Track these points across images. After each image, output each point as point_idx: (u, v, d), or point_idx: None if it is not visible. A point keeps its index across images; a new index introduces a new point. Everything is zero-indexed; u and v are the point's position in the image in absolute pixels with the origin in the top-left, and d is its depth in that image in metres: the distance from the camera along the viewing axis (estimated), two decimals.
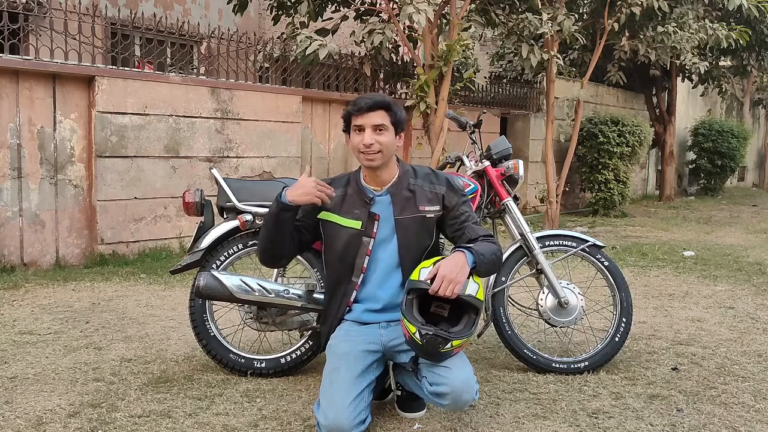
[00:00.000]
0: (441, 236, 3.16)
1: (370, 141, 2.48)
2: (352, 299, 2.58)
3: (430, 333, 2.30)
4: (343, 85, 7.94)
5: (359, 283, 2.57)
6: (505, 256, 3.24)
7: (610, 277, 3.24)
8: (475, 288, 2.37)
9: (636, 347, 3.58)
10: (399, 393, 2.67)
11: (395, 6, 6.90)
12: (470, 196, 3.17)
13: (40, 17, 5.79)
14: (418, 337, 2.31)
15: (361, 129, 2.51)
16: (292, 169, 7.13)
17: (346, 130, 2.59)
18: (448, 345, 2.31)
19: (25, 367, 3.14)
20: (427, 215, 2.58)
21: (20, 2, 5.80)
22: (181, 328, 3.85)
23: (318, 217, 2.58)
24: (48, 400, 2.75)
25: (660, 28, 8.95)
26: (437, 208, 2.59)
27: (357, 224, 2.54)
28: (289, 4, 7.59)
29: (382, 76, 8.35)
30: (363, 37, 6.66)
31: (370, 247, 2.55)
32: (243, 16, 8.72)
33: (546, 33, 7.65)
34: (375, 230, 2.54)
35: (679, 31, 8.96)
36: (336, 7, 7.82)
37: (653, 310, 4.45)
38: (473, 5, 7.60)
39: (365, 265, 2.55)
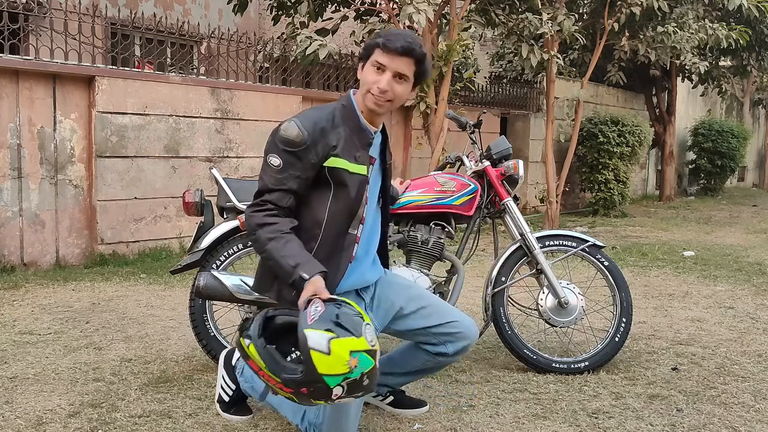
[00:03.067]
0: (442, 236, 3.17)
1: (386, 87, 2.16)
2: (353, 254, 2.25)
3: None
4: (343, 85, 7.94)
5: (359, 235, 2.26)
6: (505, 256, 3.25)
7: (610, 277, 3.24)
8: (320, 342, 1.85)
9: (636, 347, 3.58)
10: (390, 399, 2.67)
11: (395, 6, 6.90)
12: (470, 196, 3.17)
13: (40, 17, 5.79)
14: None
15: (381, 68, 2.16)
16: None
17: (363, 59, 2.21)
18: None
19: (25, 367, 3.14)
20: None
21: (20, 2, 5.80)
22: (181, 328, 3.85)
23: (325, 165, 2.16)
24: (48, 400, 2.75)
25: (660, 28, 8.95)
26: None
27: (363, 170, 2.21)
28: (289, 4, 7.59)
29: None
30: (363, 37, 6.66)
31: (368, 194, 2.26)
32: (243, 16, 8.72)
33: (546, 33, 7.65)
34: (370, 174, 2.26)
35: (679, 31, 8.95)
36: (336, 7, 7.81)
37: (653, 310, 4.45)
38: (473, 5, 7.59)
39: (365, 215, 2.25)
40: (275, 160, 2.14)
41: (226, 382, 2.59)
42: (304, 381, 1.87)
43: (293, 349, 1.94)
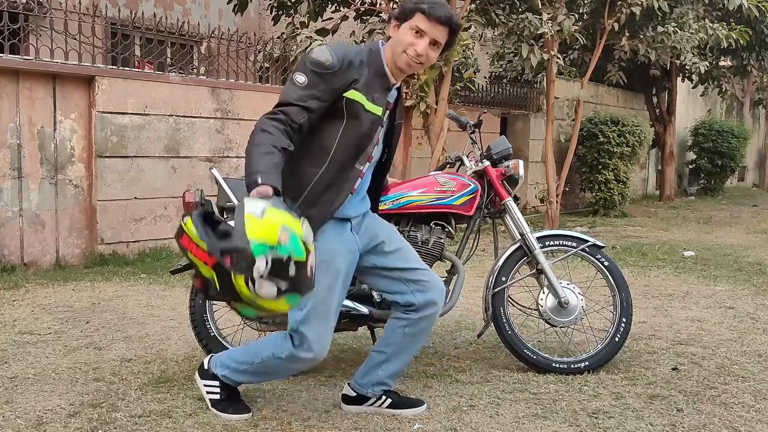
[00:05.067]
0: (442, 236, 3.17)
1: (423, 52, 2.33)
2: (356, 187, 2.43)
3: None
4: None
5: (364, 171, 2.44)
6: (505, 256, 3.24)
7: (610, 277, 3.24)
8: (255, 208, 1.94)
9: (636, 347, 3.58)
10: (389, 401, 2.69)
11: (395, 6, 6.90)
12: (470, 196, 3.17)
13: (40, 17, 5.79)
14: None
15: (420, 34, 2.33)
16: None
17: (400, 19, 2.36)
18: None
19: (25, 367, 3.14)
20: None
21: (20, 2, 5.80)
22: (181, 328, 3.85)
23: (345, 95, 2.31)
24: (48, 400, 2.75)
25: (660, 28, 8.95)
26: None
27: (379, 110, 2.38)
28: (289, 4, 7.60)
29: None
30: (363, 37, 6.66)
31: (379, 136, 2.45)
32: (243, 16, 8.72)
33: (546, 33, 7.65)
34: (385, 119, 2.44)
35: (679, 31, 8.95)
36: (336, 7, 7.82)
37: (653, 310, 4.45)
38: (473, 5, 7.59)
39: (372, 154, 2.44)
40: (301, 78, 2.27)
41: (207, 384, 2.64)
42: (231, 247, 1.91)
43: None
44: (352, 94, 2.31)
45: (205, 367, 2.67)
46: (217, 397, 2.62)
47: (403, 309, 2.59)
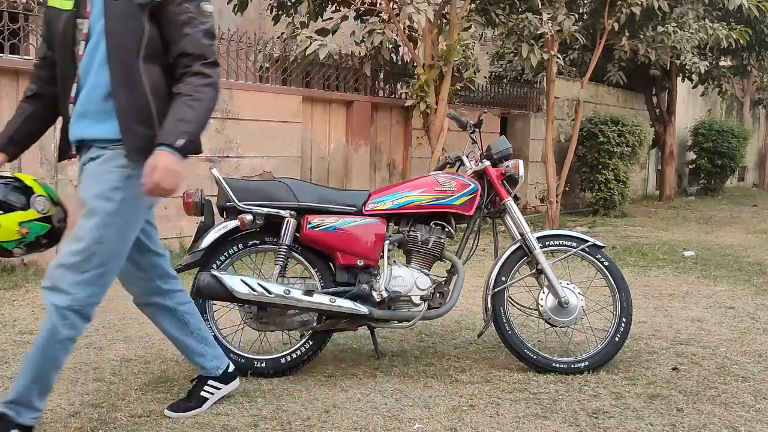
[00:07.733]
0: (442, 236, 3.17)
1: None
2: (73, 94, 2.38)
3: None
4: (343, 85, 7.93)
5: (79, 73, 2.29)
6: (505, 256, 3.24)
7: (610, 277, 3.24)
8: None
9: (636, 347, 3.59)
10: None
11: (395, 6, 6.90)
12: (470, 196, 3.17)
13: (40, 17, 5.79)
14: None
15: None
16: (291, 169, 7.12)
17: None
18: None
19: None
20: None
21: (20, 2, 5.80)
22: None
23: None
24: (48, 400, 2.74)
25: (660, 28, 8.95)
26: None
27: (68, 5, 2.24)
28: (289, 4, 7.60)
29: (382, 76, 8.34)
30: (363, 37, 6.66)
31: (85, 31, 2.23)
32: (243, 16, 8.71)
33: (546, 33, 7.65)
34: (88, 10, 2.23)
35: (679, 30, 8.95)
36: (336, 7, 7.82)
37: (653, 310, 4.45)
38: (473, 5, 7.59)
39: (81, 52, 2.25)
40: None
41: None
42: None
43: None
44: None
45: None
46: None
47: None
